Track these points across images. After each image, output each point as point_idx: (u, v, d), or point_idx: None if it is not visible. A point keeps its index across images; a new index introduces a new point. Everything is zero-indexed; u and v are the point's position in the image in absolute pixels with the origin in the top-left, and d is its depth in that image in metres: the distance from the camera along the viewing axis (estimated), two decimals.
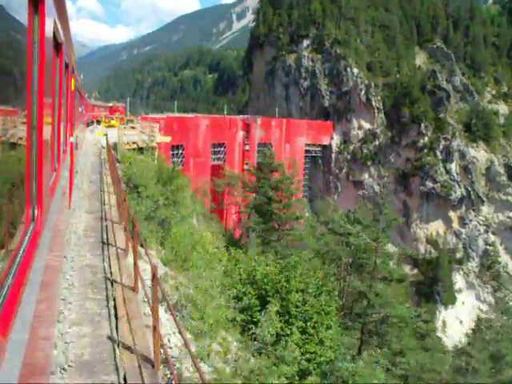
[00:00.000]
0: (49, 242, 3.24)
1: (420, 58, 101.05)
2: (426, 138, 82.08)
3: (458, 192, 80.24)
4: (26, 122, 2.53)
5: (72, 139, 9.79)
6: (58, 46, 4.51)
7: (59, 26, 4.09)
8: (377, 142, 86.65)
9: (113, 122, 47.53)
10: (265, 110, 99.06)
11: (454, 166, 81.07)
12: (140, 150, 25.20)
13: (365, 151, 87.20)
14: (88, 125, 53.22)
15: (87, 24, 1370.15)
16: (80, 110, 20.85)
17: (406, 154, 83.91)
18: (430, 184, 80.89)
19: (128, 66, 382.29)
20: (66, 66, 6.60)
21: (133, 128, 40.01)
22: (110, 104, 66.24)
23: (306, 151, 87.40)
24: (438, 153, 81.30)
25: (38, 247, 2.79)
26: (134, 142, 25.11)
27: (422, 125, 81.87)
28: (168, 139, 32.19)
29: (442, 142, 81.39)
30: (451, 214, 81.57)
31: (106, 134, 23.85)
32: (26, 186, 2.59)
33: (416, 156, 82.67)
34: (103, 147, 23.11)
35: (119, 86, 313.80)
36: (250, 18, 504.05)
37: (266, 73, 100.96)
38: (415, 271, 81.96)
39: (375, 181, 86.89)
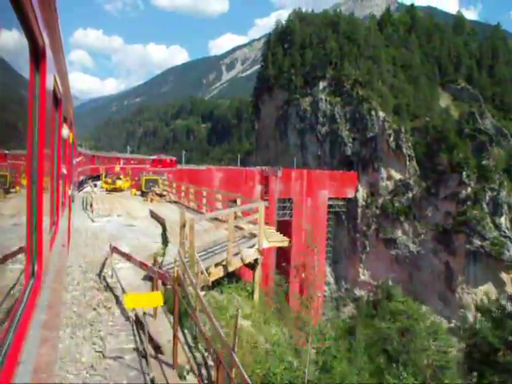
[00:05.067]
0: (48, 299, 3.11)
1: (444, 100, 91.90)
2: (469, 189, 71.04)
3: (511, 250, 68.69)
4: (26, 176, 2.57)
5: (70, 192, 9.97)
6: (57, 100, 4.56)
7: (59, 82, 4.22)
8: (410, 194, 75.52)
9: (120, 184, 33.59)
10: (276, 159, 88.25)
11: (504, 220, 69.88)
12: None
13: (396, 205, 75.91)
14: (82, 184, 40.03)
15: (78, 77, 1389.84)
16: (74, 162, 18.07)
17: (446, 208, 72.60)
18: (477, 242, 69.35)
19: (118, 117, 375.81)
20: (65, 120, 6.37)
21: (161, 198, 26.77)
22: (153, 157, 52.44)
23: (329, 206, 75.95)
24: (485, 205, 70.22)
25: (38, 304, 2.73)
26: (219, 264, 12.04)
27: (464, 173, 71.03)
28: (286, 242, 19.28)
29: (489, 193, 70.42)
30: (503, 275, 69.65)
31: (157, 272, 9.23)
32: (26, 240, 2.58)
33: (458, 209, 71.41)
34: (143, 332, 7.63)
35: (110, 138, 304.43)
36: (239, 68, 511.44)
37: (276, 118, 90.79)
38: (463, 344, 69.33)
39: (410, 239, 75.22)
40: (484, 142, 72.98)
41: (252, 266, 14.39)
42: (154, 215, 21.19)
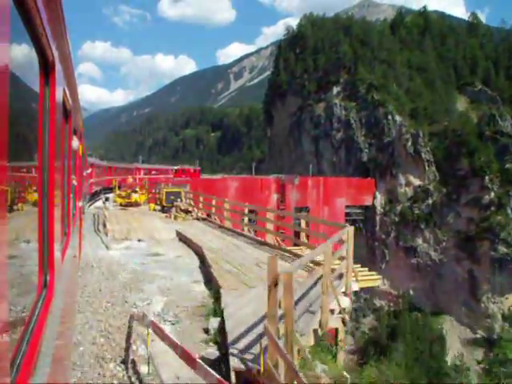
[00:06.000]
0: (60, 308, 3.18)
1: (461, 103, 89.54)
2: (493, 194, 68.45)
3: None
4: (37, 188, 2.62)
5: (80, 203, 9.71)
6: (66, 113, 4.58)
7: (68, 95, 4.24)
8: (430, 201, 73.00)
9: (135, 197, 30.21)
10: (289, 167, 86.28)
11: None
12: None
13: (416, 212, 73.36)
14: (96, 196, 38.20)
15: (87, 89, 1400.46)
16: (84, 174, 17.47)
17: (468, 214, 69.99)
18: (502, 249, 66.63)
19: (128, 128, 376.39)
20: (75, 132, 6.43)
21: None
22: (176, 167, 50.38)
23: (346, 214, 73.58)
24: (509, 210, 67.59)
25: (51, 313, 2.77)
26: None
27: (487, 178, 68.48)
28: (377, 281, 16.93)
29: None
30: None
31: None
32: (39, 251, 2.64)
33: (481, 215, 68.79)
34: None
35: (119, 148, 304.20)
36: (246, 77, 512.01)
37: (289, 125, 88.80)
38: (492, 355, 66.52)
39: (431, 246, 72.58)
40: (506, 145, 70.43)
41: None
42: (183, 239, 17.90)
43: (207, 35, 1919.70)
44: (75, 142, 6.56)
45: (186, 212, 24.24)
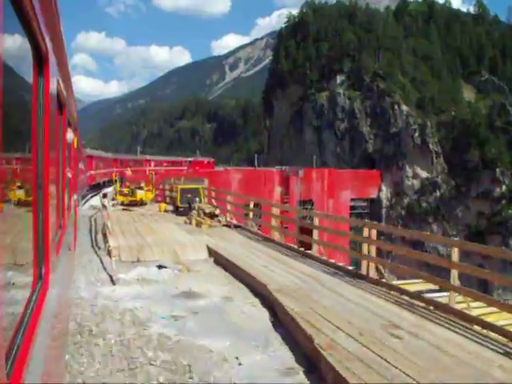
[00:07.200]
0: (55, 301, 3.20)
1: (467, 92, 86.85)
2: (504, 187, 66.01)
3: None
4: (31, 180, 2.62)
5: (75, 196, 9.76)
6: (61, 105, 4.48)
7: (62, 86, 4.25)
8: (438, 194, 70.54)
9: (141, 195, 25.09)
10: (290, 159, 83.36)
11: None
12: None
13: (424, 205, 70.92)
14: (95, 189, 35.76)
15: (81, 80, 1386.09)
16: (81, 166, 17.11)
17: (478, 207, 67.54)
18: None
19: (122, 119, 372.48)
20: (69, 124, 6.43)
21: None
22: (190, 158, 47.62)
23: (351, 207, 70.90)
24: None
25: (46, 306, 2.73)
26: None
27: (498, 170, 66.00)
28: None
29: None
30: None
31: None
32: (33, 244, 2.63)
33: (491, 209, 66.36)
34: None
35: (114, 140, 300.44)
36: (242, 68, 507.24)
37: (291, 115, 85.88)
38: None
39: None
40: None
41: None
42: (221, 261, 12.45)
43: (202, 26, 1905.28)
44: (70, 134, 6.45)
45: (212, 216, 19.05)
